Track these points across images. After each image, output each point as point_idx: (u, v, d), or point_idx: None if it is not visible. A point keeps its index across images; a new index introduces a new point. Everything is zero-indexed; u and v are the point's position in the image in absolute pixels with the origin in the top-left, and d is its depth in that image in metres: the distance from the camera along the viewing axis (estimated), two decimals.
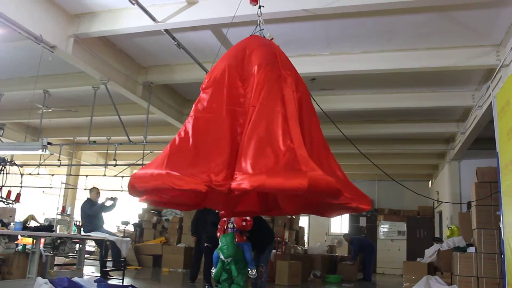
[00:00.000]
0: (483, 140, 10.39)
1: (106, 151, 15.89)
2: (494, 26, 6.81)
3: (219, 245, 6.77)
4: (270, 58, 3.63)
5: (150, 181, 2.99)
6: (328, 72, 8.30)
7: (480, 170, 8.83)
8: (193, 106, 3.45)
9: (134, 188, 3.10)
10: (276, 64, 3.58)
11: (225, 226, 7.46)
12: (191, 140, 3.22)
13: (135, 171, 4.75)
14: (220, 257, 6.80)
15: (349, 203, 3.24)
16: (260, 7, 4.50)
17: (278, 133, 3.10)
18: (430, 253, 11.14)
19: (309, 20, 6.84)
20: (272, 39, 4.25)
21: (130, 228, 14.44)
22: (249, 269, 7.04)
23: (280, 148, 3.01)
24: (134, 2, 6.11)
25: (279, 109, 3.24)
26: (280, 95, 3.36)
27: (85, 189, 15.85)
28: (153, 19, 6.62)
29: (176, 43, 7.45)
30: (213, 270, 6.97)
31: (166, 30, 7.09)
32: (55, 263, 8.32)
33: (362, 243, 12.03)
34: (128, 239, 9.61)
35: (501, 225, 6.24)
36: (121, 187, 15.58)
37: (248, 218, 7.40)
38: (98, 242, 9.58)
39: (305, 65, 7.95)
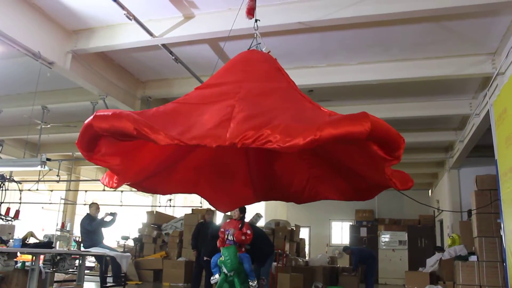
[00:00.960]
0: (482, 148, 10.42)
1: None
2: (489, 35, 6.87)
3: (222, 258, 6.73)
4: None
5: (114, 120, 2.77)
6: (325, 84, 8.33)
7: (479, 178, 8.84)
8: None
9: (90, 128, 2.85)
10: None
11: (225, 238, 7.43)
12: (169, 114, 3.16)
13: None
14: (223, 271, 6.77)
15: (389, 179, 3.13)
16: (256, 20, 4.54)
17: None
18: (431, 263, 11.10)
19: (305, 32, 6.89)
20: (269, 52, 4.29)
21: (130, 243, 14.35)
22: (250, 281, 7.02)
23: (320, 109, 3.17)
24: (131, 17, 6.16)
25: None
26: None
27: (85, 204, 15.80)
28: (150, 34, 6.67)
29: (173, 57, 7.49)
30: (213, 278, 6.95)
31: (163, 45, 7.14)
32: (55, 279, 8.27)
33: (363, 253, 11.95)
34: (128, 254, 9.56)
35: (502, 232, 6.23)
36: (121, 202, 15.52)
37: (248, 232, 7.38)
38: (98, 257, 9.52)
39: (302, 77, 7.99)
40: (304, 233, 17.80)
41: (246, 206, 8.27)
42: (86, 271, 9.09)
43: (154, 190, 4.50)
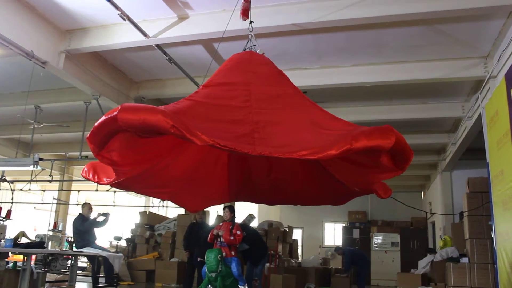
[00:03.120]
0: (474, 151, 10.48)
1: None
2: (482, 39, 6.92)
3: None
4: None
5: (147, 114, 2.68)
6: (319, 85, 8.35)
7: (471, 180, 8.89)
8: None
9: (112, 122, 2.73)
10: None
11: (214, 238, 7.47)
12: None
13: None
14: (207, 272, 6.87)
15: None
16: (251, 22, 4.55)
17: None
18: (423, 264, 11.15)
19: (299, 34, 6.92)
20: (263, 53, 4.31)
21: (123, 243, 14.30)
22: (240, 286, 7.05)
23: (343, 122, 3.28)
24: (125, 17, 6.15)
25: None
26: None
27: (77, 204, 15.72)
28: (144, 34, 6.66)
29: (167, 58, 7.48)
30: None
31: (157, 45, 7.13)
32: (46, 280, 8.23)
33: (355, 255, 11.98)
34: (121, 254, 9.53)
35: (493, 235, 6.27)
36: (114, 202, 15.47)
37: (238, 232, 7.40)
38: (90, 258, 9.47)
39: (295, 78, 7.94)
40: (297, 234, 17.82)
41: (237, 208, 8.29)
42: (78, 272, 9.05)
43: (126, 187, 4.42)
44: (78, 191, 18.03)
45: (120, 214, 17.32)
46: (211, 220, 14.20)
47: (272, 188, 4.75)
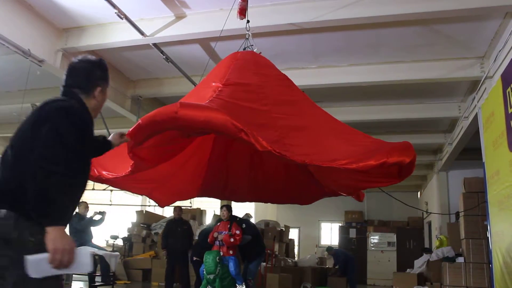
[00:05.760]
0: (470, 151, 10.51)
1: None
2: (478, 39, 6.94)
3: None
4: None
5: (209, 112, 2.66)
6: (316, 85, 8.36)
7: (467, 180, 8.92)
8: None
9: (172, 119, 2.66)
10: None
11: (214, 240, 7.47)
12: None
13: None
14: (205, 273, 6.89)
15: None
16: (248, 21, 4.56)
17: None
18: (419, 264, 11.18)
19: (296, 33, 6.92)
20: (260, 53, 4.32)
21: (119, 242, 14.29)
22: (237, 285, 7.05)
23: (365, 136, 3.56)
24: (122, 16, 6.15)
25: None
26: None
27: None
28: (142, 33, 6.65)
29: (164, 56, 7.48)
30: None
31: (154, 44, 7.13)
32: None
33: (346, 256, 12.07)
34: (117, 253, 9.52)
35: (488, 234, 6.30)
36: (110, 201, 15.43)
37: (237, 232, 7.40)
38: None
39: (292, 78, 7.89)
40: (293, 234, 17.83)
41: (233, 207, 8.29)
42: None
43: (115, 183, 4.39)
44: None
45: (117, 213, 17.25)
46: (208, 220, 14.22)
47: (250, 186, 4.85)
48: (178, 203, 8.64)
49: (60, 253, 1.91)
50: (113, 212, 12.10)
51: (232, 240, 7.24)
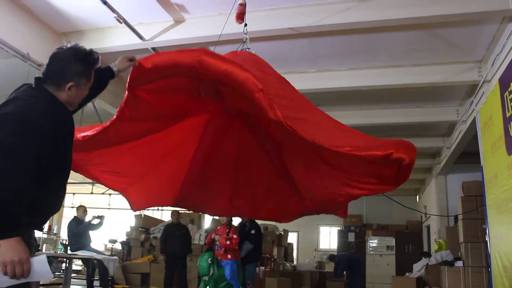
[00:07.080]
0: (469, 155, 10.52)
1: None
2: (476, 43, 6.96)
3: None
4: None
5: (232, 66, 2.55)
6: (315, 89, 8.36)
7: (466, 184, 8.93)
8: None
9: (196, 64, 2.54)
10: None
11: (211, 242, 7.48)
12: None
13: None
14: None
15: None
16: (245, 25, 4.56)
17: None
18: (418, 268, 11.18)
19: (296, 38, 6.93)
20: None
21: (118, 246, 14.26)
22: None
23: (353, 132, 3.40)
24: (121, 20, 6.16)
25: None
26: None
27: (72, 207, 15.67)
28: (141, 37, 6.66)
29: None
30: None
31: (153, 48, 7.13)
32: (41, 282, 8.19)
33: (350, 260, 11.98)
34: (116, 257, 9.50)
35: (487, 238, 6.30)
36: (109, 205, 15.44)
37: (234, 236, 7.40)
38: (85, 260, 9.46)
39: (292, 82, 7.90)
40: (292, 238, 17.81)
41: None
42: (73, 274, 9.02)
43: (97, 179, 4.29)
44: (73, 193, 17.95)
45: (115, 217, 17.23)
46: (206, 224, 14.21)
47: (231, 199, 4.67)
48: None
49: (10, 265, 1.88)
50: (112, 216, 12.08)
51: (228, 243, 7.25)
